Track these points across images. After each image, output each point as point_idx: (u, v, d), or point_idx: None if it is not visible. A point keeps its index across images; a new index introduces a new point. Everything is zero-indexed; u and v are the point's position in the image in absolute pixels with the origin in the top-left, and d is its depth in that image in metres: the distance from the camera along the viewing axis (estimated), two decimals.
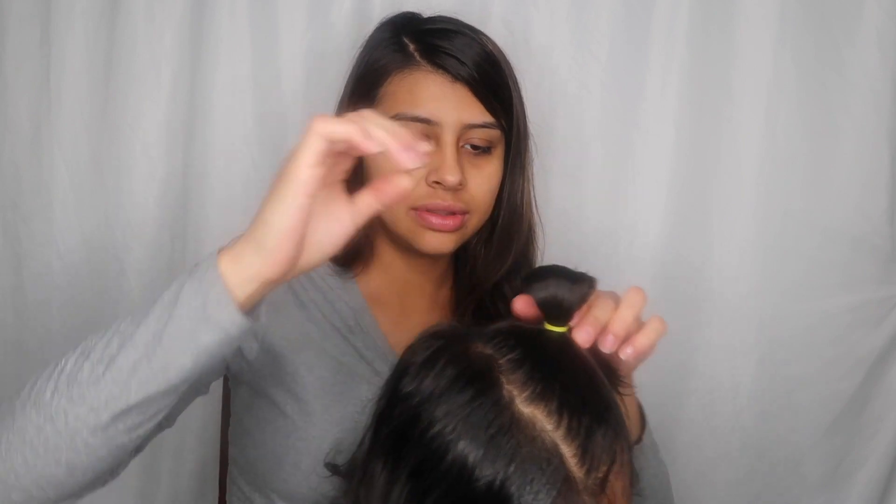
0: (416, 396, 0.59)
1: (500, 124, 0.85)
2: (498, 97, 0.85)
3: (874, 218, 1.16)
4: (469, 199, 0.85)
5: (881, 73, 1.12)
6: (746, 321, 1.19)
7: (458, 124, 0.82)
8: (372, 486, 0.59)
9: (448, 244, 0.86)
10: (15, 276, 1.14)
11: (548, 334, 0.63)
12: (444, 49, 0.83)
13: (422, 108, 0.82)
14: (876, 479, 1.24)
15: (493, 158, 0.86)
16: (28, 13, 1.08)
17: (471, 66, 0.83)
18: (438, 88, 0.83)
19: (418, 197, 0.83)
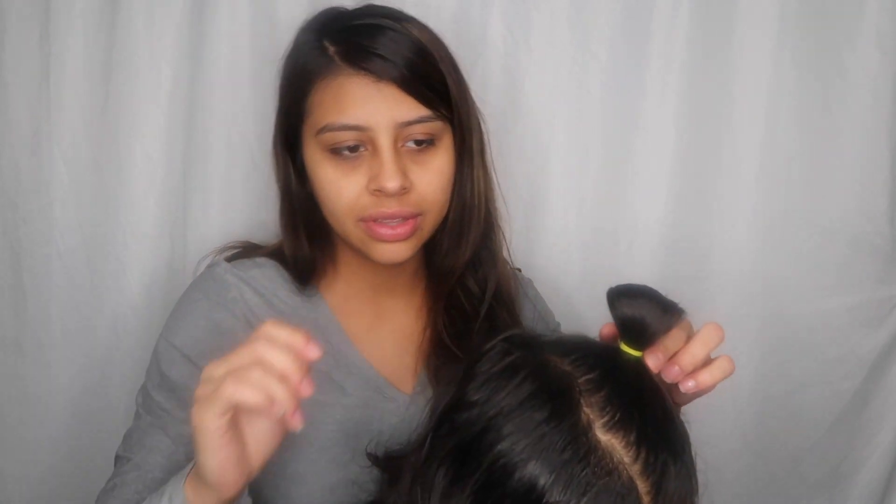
0: (489, 407, 0.57)
1: (441, 115, 0.80)
2: (432, 88, 0.79)
3: (874, 218, 1.16)
4: (419, 200, 0.80)
5: (881, 74, 1.12)
6: (746, 321, 1.19)
7: (392, 125, 0.77)
8: (431, 490, 0.57)
9: (404, 252, 0.82)
10: (15, 276, 1.14)
11: (624, 356, 0.61)
12: (365, 47, 0.78)
13: (349, 116, 0.77)
14: (876, 479, 1.24)
15: (440, 151, 0.81)
16: (28, 13, 1.08)
17: (395, 61, 0.77)
18: (363, 91, 0.77)
19: (363, 207, 0.79)
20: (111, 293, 1.14)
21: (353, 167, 0.79)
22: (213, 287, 0.85)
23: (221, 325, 0.83)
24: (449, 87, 0.81)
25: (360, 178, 0.78)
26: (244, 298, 0.85)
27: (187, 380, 0.82)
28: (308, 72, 0.80)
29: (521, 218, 1.17)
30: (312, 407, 0.79)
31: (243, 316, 0.84)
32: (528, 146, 1.15)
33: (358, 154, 0.79)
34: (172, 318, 0.86)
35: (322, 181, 0.80)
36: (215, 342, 0.82)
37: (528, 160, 1.15)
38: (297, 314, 0.86)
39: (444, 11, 1.10)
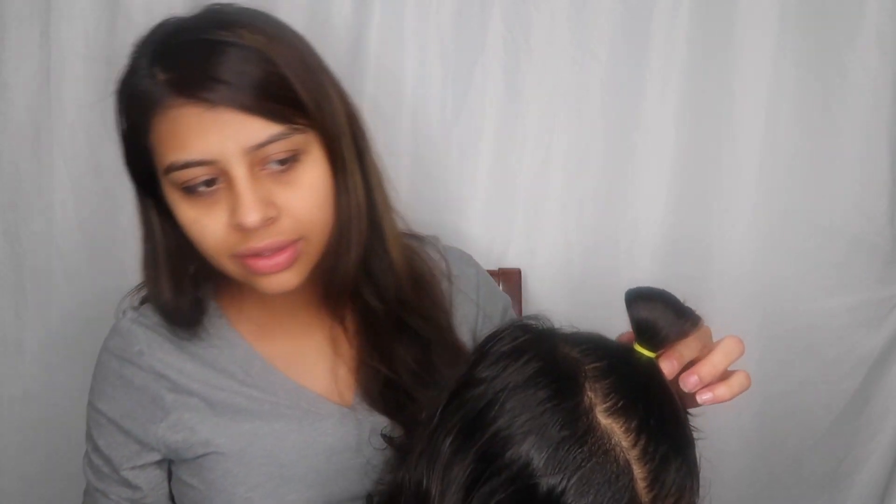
0: (495, 384, 0.58)
1: (300, 126, 0.70)
2: (279, 100, 0.69)
3: (874, 218, 1.16)
4: (293, 226, 0.71)
5: (881, 74, 1.12)
6: (746, 321, 1.19)
7: (241, 152, 0.68)
8: (435, 460, 0.58)
9: (291, 281, 0.74)
10: (15, 276, 1.14)
11: (636, 355, 0.62)
12: (195, 72, 0.68)
13: (190, 151, 0.68)
14: (876, 479, 1.24)
15: (309, 165, 0.72)
16: (28, 13, 1.08)
17: (230, 81, 0.67)
18: (200, 121, 0.67)
19: (232, 245, 0.71)
20: (111, 293, 1.14)
21: (213, 202, 0.70)
22: (119, 343, 0.83)
23: (133, 382, 0.81)
24: (299, 94, 0.70)
25: (222, 214, 0.70)
26: (152, 349, 0.81)
27: (112, 443, 0.82)
28: (143, 106, 0.71)
29: (521, 218, 1.17)
30: (242, 440, 0.79)
31: (151, 368, 0.80)
32: (529, 146, 1.15)
33: (215, 188, 0.70)
34: (93, 379, 0.84)
35: (184, 222, 0.72)
36: (132, 400, 0.81)
37: (529, 160, 1.15)
38: (210, 353, 0.82)
39: (444, 11, 1.11)
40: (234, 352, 0.83)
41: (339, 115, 0.75)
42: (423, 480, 0.59)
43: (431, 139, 1.15)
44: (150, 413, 0.80)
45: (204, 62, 0.68)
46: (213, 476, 0.79)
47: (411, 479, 0.61)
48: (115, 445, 0.82)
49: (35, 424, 1.18)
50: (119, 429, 0.81)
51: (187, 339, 0.82)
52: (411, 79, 1.12)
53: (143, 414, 0.81)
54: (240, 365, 0.82)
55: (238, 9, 0.75)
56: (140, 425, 0.81)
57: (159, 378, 0.80)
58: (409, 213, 1.17)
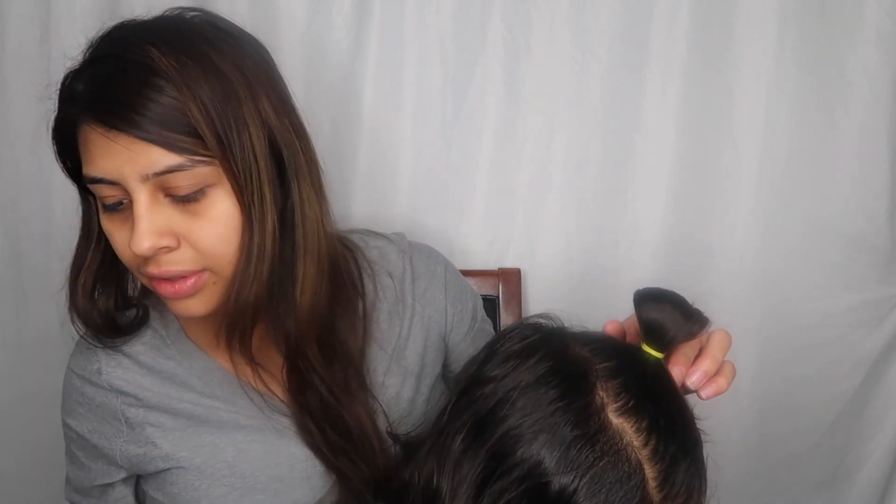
0: (506, 382, 0.58)
1: (204, 156, 0.66)
2: (178, 129, 0.65)
3: (874, 218, 1.16)
4: (195, 257, 0.68)
5: (881, 73, 1.12)
6: (746, 321, 1.19)
7: (140, 178, 0.65)
8: (446, 458, 0.59)
9: (197, 308, 0.71)
10: (15, 275, 1.14)
11: (644, 355, 0.62)
12: (95, 89, 0.67)
13: (95, 168, 0.67)
14: (876, 479, 1.24)
15: (218, 195, 0.68)
16: (28, 13, 1.08)
17: (127, 106, 0.64)
18: (101, 141, 0.66)
19: (138, 265, 0.70)
20: None
21: (124, 219, 0.69)
22: (80, 361, 0.83)
23: (94, 400, 0.81)
24: (200, 126, 0.66)
25: (128, 233, 0.68)
26: (109, 366, 0.81)
27: (88, 456, 0.82)
28: (69, 109, 0.69)
29: (521, 218, 1.17)
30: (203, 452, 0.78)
31: (110, 385, 0.80)
32: (529, 146, 1.15)
33: (125, 206, 0.69)
34: (62, 395, 0.85)
35: (104, 230, 0.72)
36: (96, 417, 0.81)
37: (529, 160, 1.15)
38: (168, 367, 0.80)
39: (444, 11, 1.11)
40: (192, 363, 0.81)
41: (255, 149, 0.68)
42: (434, 478, 0.59)
43: (431, 139, 1.15)
44: (114, 429, 0.80)
45: (110, 83, 0.66)
46: (177, 490, 0.79)
47: (420, 476, 0.61)
48: (89, 458, 0.82)
49: (35, 424, 1.18)
50: (88, 443, 0.82)
51: (112, 348, 0.80)
52: (411, 78, 1.12)
53: (108, 430, 0.80)
54: (199, 376, 0.81)
55: (176, 20, 0.72)
56: (106, 440, 0.81)
57: (119, 395, 0.80)
58: (409, 213, 1.17)
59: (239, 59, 0.70)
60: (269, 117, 0.70)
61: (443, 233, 1.16)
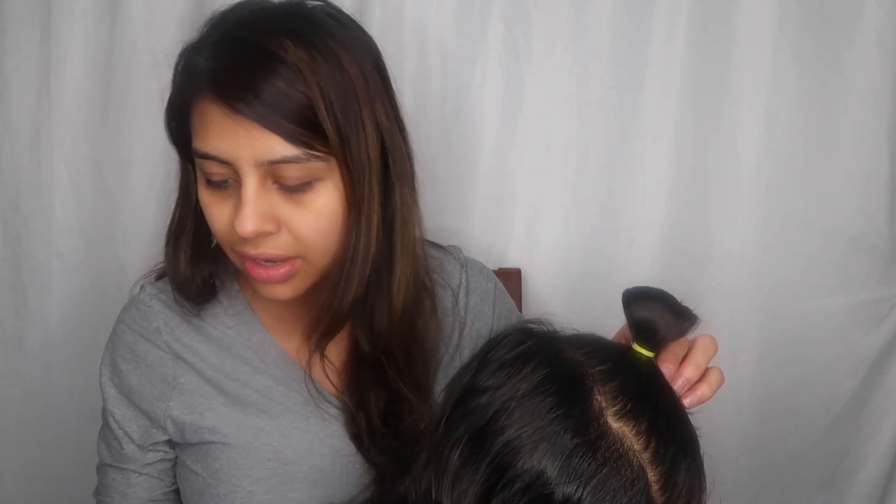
0: (501, 392, 0.58)
1: (320, 153, 0.68)
2: (300, 123, 0.67)
3: (874, 218, 1.16)
4: (291, 244, 0.71)
5: (881, 73, 1.12)
6: (746, 321, 1.19)
7: (255, 163, 0.68)
8: (444, 471, 0.58)
9: (283, 293, 0.74)
10: (15, 276, 1.14)
11: (636, 355, 0.62)
12: (226, 71, 0.68)
13: (210, 145, 0.69)
14: (876, 479, 1.24)
15: (324, 189, 0.70)
16: (28, 13, 1.08)
17: (259, 93, 0.66)
18: (222, 122, 0.67)
19: (233, 242, 0.72)
20: (111, 293, 1.14)
21: (224, 197, 0.72)
22: (137, 318, 0.83)
23: (146, 359, 0.81)
24: (323, 123, 0.68)
25: (229, 210, 0.71)
26: (169, 327, 0.81)
27: (125, 416, 0.82)
28: (189, 83, 0.71)
29: (521, 218, 1.17)
30: (249, 434, 0.78)
31: (167, 347, 0.81)
32: (529, 146, 1.15)
33: (230, 184, 0.71)
34: (106, 349, 0.85)
35: (201, 202, 0.73)
36: (143, 376, 0.81)
37: (529, 160, 1.15)
38: (227, 336, 0.82)
39: (444, 11, 1.11)
40: (251, 336, 0.82)
41: (369, 149, 0.71)
42: (432, 492, 0.58)
43: (431, 139, 1.15)
44: (160, 391, 0.80)
45: (239, 66, 0.68)
46: (218, 465, 0.79)
47: (417, 490, 0.60)
48: (129, 418, 0.81)
49: (35, 424, 1.18)
50: (130, 403, 0.81)
51: (195, 315, 0.81)
52: (411, 78, 1.12)
53: (152, 391, 0.80)
54: (256, 351, 0.82)
55: (306, 11, 0.73)
56: (148, 402, 0.81)
57: (175, 359, 0.80)
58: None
59: (360, 60, 0.72)
60: (382, 119, 0.73)
61: (442, 233, 1.16)
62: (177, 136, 0.75)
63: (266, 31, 0.69)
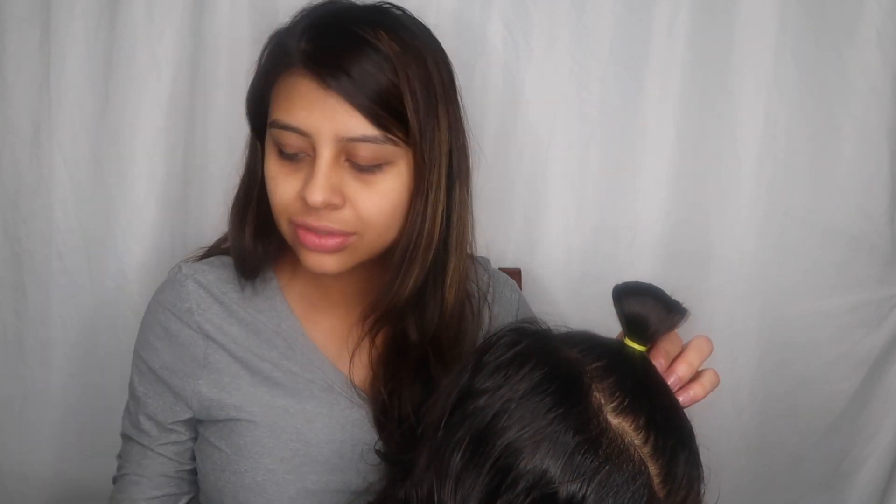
0: (499, 394, 0.58)
1: (396, 138, 0.73)
2: (388, 107, 0.72)
3: (874, 218, 1.16)
4: (352, 219, 0.75)
5: (881, 73, 1.12)
6: (746, 321, 1.19)
7: (334, 137, 0.72)
8: (445, 475, 0.58)
9: (330, 265, 0.77)
10: (15, 276, 1.14)
11: (629, 350, 0.62)
12: (324, 51, 0.73)
13: (293, 117, 0.73)
14: (876, 479, 1.25)
15: (391, 174, 0.75)
16: (28, 13, 1.08)
17: (351, 73, 0.71)
18: (310, 95, 0.72)
19: (294, 212, 0.76)
20: (111, 293, 1.15)
21: (294, 169, 0.75)
22: (170, 297, 0.84)
23: (178, 337, 0.83)
24: (406, 111, 0.73)
25: (296, 183, 0.75)
26: (201, 308, 0.83)
27: (150, 391, 0.84)
28: (278, 61, 0.76)
29: (521, 218, 1.17)
30: (274, 413, 0.80)
31: (198, 327, 0.83)
32: (528, 146, 1.15)
33: (302, 157, 0.75)
34: (141, 325, 0.86)
35: (267, 174, 0.77)
36: (174, 354, 0.83)
37: (528, 160, 1.16)
38: (258, 320, 0.84)
39: (444, 11, 1.11)
40: (280, 323, 0.84)
41: (441, 144, 0.77)
42: (435, 496, 0.58)
43: None
44: (190, 370, 0.82)
45: (336, 47, 0.73)
46: (243, 442, 0.80)
47: (419, 494, 0.60)
48: (154, 394, 0.83)
49: (35, 424, 1.18)
50: (158, 379, 0.83)
51: (250, 287, 0.84)
52: None
53: (183, 369, 0.82)
54: (284, 338, 0.84)
55: (396, 13, 0.79)
56: (178, 379, 0.82)
57: (205, 338, 0.82)
58: None
59: (439, 64, 0.78)
60: (453, 119, 0.79)
61: None
62: (255, 112, 0.80)
63: (362, 21, 0.74)
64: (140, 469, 0.84)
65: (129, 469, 0.85)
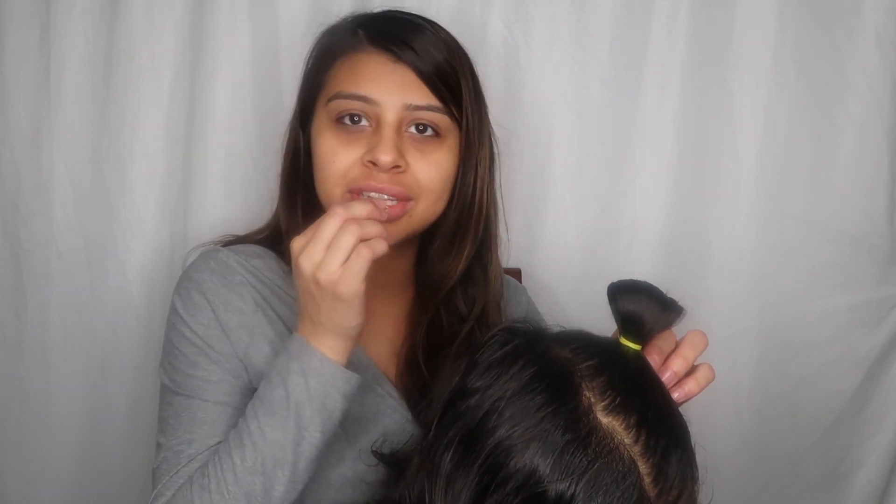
0: (490, 393, 0.58)
1: (451, 111, 0.82)
2: (446, 83, 0.82)
3: (874, 218, 1.16)
4: (412, 184, 0.81)
5: (881, 73, 1.12)
6: (746, 321, 1.19)
7: (400, 105, 0.80)
8: (436, 475, 0.58)
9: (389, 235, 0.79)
10: (15, 276, 1.14)
11: (623, 348, 0.62)
12: (391, 32, 0.82)
13: (361, 87, 0.80)
14: (876, 479, 1.25)
15: (444, 147, 0.82)
16: (28, 13, 1.08)
17: (416, 49, 0.80)
18: (379, 68, 0.80)
19: (354, 178, 0.80)
20: (111, 293, 1.14)
21: (353, 139, 0.80)
22: (219, 269, 0.84)
23: (231, 303, 0.82)
24: (463, 90, 0.83)
25: (357, 150, 0.80)
26: (251, 283, 0.84)
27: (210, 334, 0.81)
28: (334, 50, 0.83)
29: (521, 218, 1.17)
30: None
31: (251, 298, 0.83)
32: (529, 146, 1.15)
33: (360, 127, 0.80)
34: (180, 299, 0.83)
35: (321, 150, 0.81)
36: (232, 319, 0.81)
37: (529, 160, 1.16)
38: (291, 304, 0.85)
39: (444, 11, 1.11)
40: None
41: (486, 129, 0.87)
42: (426, 496, 0.58)
43: None
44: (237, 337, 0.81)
45: (401, 29, 0.83)
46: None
47: (411, 495, 0.60)
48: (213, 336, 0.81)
49: (35, 424, 1.18)
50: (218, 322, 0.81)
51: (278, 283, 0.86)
52: None
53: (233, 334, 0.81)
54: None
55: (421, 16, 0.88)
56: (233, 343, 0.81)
57: (256, 309, 0.83)
58: None
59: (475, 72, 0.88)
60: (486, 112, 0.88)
61: None
62: (305, 99, 0.86)
63: (424, 20, 0.85)
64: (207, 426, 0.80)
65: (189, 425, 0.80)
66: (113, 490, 1.18)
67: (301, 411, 0.72)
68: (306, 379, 0.72)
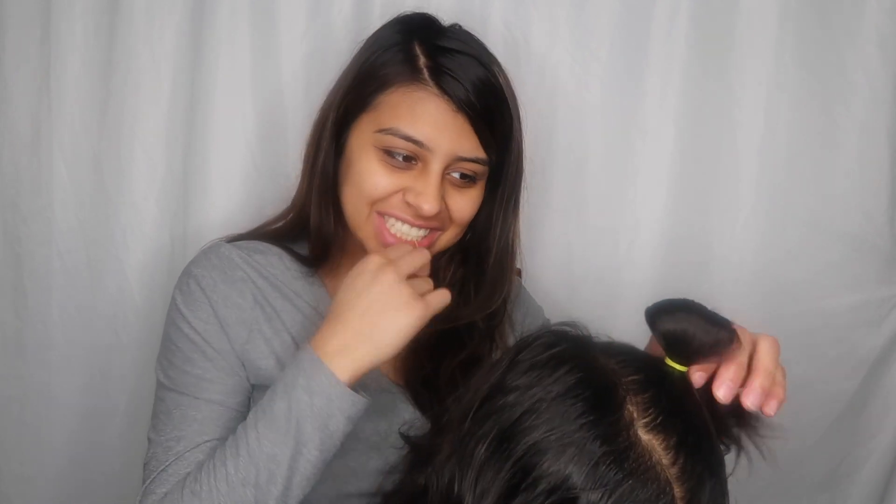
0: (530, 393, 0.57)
1: (490, 160, 0.84)
2: (495, 133, 0.83)
3: (874, 218, 1.16)
4: (444, 217, 0.84)
5: (881, 73, 1.12)
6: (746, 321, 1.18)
7: (450, 154, 0.81)
8: (468, 465, 0.58)
9: None
10: (15, 276, 1.14)
11: (668, 368, 0.60)
12: (454, 74, 0.81)
13: (419, 131, 0.80)
14: (876, 479, 1.25)
15: (478, 186, 0.86)
16: (28, 13, 1.08)
17: (476, 99, 0.80)
18: (440, 115, 0.80)
19: (389, 204, 0.82)
20: (111, 293, 1.15)
21: (397, 171, 0.81)
22: (220, 264, 0.85)
23: (230, 298, 0.83)
24: (513, 139, 0.85)
25: (398, 182, 0.81)
26: (251, 279, 0.85)
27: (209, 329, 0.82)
28: (389, 73, 0.82)
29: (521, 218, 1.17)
30: None
31: (252, 295, 0.84)
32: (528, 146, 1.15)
33: (410, 164, 0.81)
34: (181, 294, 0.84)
35: (363, 169, 0.82)
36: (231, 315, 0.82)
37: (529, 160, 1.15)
38: (302, 299, 0.87)
39: (444, 11, 1.10)
40: (319, 307, 0.87)
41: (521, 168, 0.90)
42: (455, 485, 0.58)
43: None
44: (235, 332, 0.82)
45: (464, 72, 0.81)
46: None
47: (439, 481, 0.60)
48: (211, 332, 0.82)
49: (35, 424, 1.18)
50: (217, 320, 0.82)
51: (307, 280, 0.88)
52: None
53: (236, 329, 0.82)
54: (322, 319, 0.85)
55: (482, 44, 0.87)
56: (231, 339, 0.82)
57: (255, 305, 0.84)
58: None
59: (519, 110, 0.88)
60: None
61: None
62: (348, 107, 0.84)
63: (483, 52, 0.85)
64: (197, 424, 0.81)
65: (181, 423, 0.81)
66: (113, 490, 1.18)
67: (302, 427, 0.71)
68: (311, 397, 0.72)
